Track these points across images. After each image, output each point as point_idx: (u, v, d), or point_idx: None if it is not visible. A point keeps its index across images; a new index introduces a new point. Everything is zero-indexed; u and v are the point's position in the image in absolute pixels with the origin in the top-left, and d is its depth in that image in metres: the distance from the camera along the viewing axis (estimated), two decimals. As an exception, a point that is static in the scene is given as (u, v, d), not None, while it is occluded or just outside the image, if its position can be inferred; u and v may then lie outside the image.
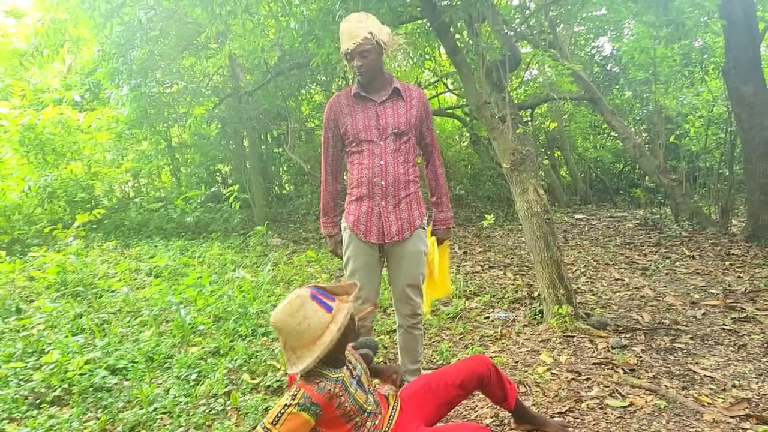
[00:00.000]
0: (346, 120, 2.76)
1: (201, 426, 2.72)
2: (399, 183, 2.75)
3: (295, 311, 1.92)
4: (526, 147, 4.54)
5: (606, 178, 12.56)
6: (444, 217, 3.00)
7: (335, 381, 1.98)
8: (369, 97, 2.75)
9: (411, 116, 2.77)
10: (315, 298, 1.98)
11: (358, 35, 2.60)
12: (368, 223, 2.78)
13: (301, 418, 1.87)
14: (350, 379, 2.05)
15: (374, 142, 2.73)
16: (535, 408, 2.95)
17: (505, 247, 6.93)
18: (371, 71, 2.67)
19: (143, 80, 7.85)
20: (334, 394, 1.95)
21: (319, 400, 1.90)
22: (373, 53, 2.64)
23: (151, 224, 6.92)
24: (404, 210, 2.77)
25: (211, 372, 3.24)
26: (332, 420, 1.98)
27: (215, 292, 4.57)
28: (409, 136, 2.77)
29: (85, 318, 3.97)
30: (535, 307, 4.43)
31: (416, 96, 2.82)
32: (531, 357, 3.59)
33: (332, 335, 1.91)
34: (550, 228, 4.30)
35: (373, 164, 2.73)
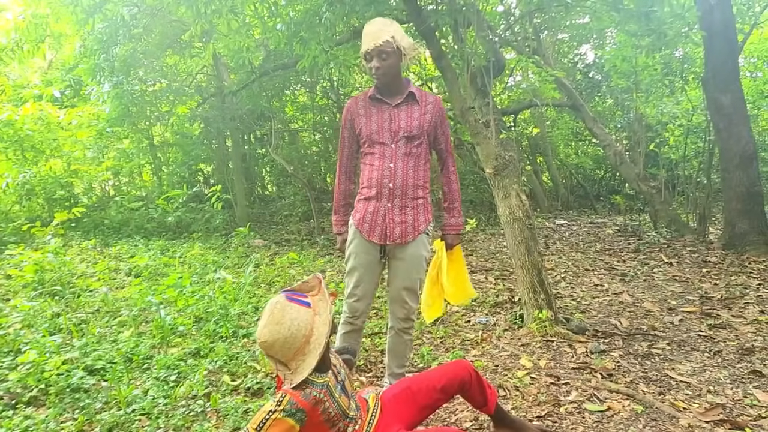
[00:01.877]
0: (361, 121, 2.82)
1: (180, 428, 2.70)
2: (407, 186, 2.77)
3: (281, 318, 1.92)
4: (509, 152, 4.58)
5: (587, 184, 12.71)
6: (455, 223, 3.01)
7: (321, 386, 1.98)
8: (384, 100, 2.79)
9: (424, 121, 2.79)
10: (291, 299, 1.99)
11: (380, 37, 2.65)
12: (373, 222, 2.81)
13: (286, 424, 1.87)
14: (335, 384, 2.06)
15: (386, 145, 2.77)
16: (514, 412, 2.97)
17: (487, 251, 6.97)
18: (388, 74, 2.70)
19: (125, 78, 7.78)
20: (320, 399, 1.95)
21: (305, 407, 1.90)
22: (392, 57, 2.67)
23: (131, 223, 6.85)
24: (410, 214, 2.79)
25: (191, 373, 3.22)
26: (316, 426, 1.97)
27: (196, 292, 4.54)
28: (421, 140, 2.79)
29: (63, 318, 3.92)
30: (515, 312, 4.47)
31: (431, 102, 2.85)
32: (511, 361, 3.62)
33: (324, 327, 1.95)
34: (532, 233, 4.34)
35: (382, 166, 2.77)
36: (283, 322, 1.91)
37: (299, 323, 1.91)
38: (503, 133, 4.73)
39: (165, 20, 8.25)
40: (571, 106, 9.62)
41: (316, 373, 1.99)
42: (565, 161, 13.08)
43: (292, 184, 9.91)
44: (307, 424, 1.94)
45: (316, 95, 10.08)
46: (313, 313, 1.98)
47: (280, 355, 1.94)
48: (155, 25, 8.36)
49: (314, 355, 1.92)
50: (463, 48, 4.94)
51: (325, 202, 9.49)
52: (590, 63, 12.52)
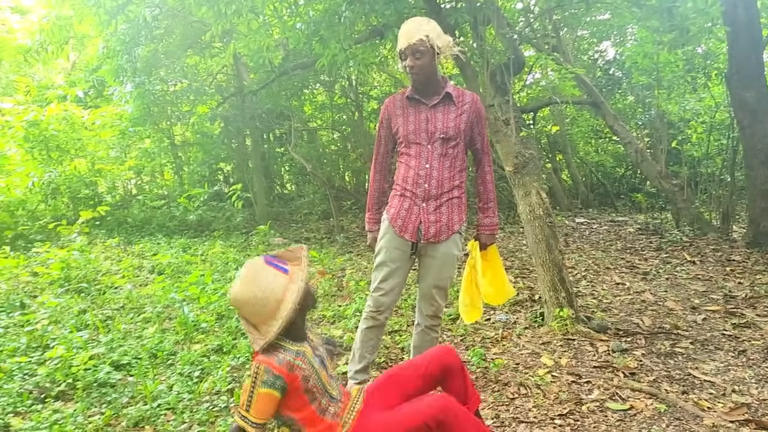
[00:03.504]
0: (399, 121, 2.84)
1: (204, 423, 2.74)
2: (442, 187, 2.78)
3: (253, 279, 1.93)
4: (529, 150, 4.56)
5: (607, 182, 12.58)
6: (489, 223, 2.99)
7: (296, 353, 1.98)
8: (422, 100, 2.80)
9: (461, 121, 2.78)
10: (269, 263, 1.99)
11: (414, 36, 2.65)
12: (406, 219, 2.82)
13: (269, 395, 1.89)
14: (313, 355, 2.06)
15: (422, 145, 2.78)
16: (535, 410, 2.98)
17: (506, 249, 6.95)
18: (422, 73, 2.70)
19: (147, 78, 7.87)
20: (295, 365, 1.95)
21: (281, 372, 1.91)
22: (427, 56, 2.67)
23: (153, 222, 6.94)
24: (444, 213, 2.80)
25: (214, 369, 3.26)
26: (296, 396, 1.97)
27: (218, 290, 4.59)
28: (458, 141, 2.79)
29: (90, 314, 3.99)
30: (536, 310, 4.45)
31: (469, 101, 2.83)
32: (532, 359, 3.61)
33: (294, 294, 1.92)
34: (552, 231, 4.32)
35: (419, 166, 2.78)
36: (255, 284, 1.92)
37: (273, 287, 1.91)
38: (523, 131, 4.72)
39: (186, 21, 8.33)
40: (592, 104, 9.53)
41: (290, 341, 2.00)
42: (584, 159, 12.96)
43: (310, 182, 9.96)
44: (288, 394, 1.94)
45: (334, 94, 10.12)
46: (288, 280, 1.96)
47: (250, 316, 1.94)
48: (176, 26, 8.45)
49: (282, 320, 1.91)
50: (482, 46, 4.93)
51: (344, 200, 9.52)
52: (611, 60, 12.40)
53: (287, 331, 1.99)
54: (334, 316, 4.36)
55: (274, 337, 1.92)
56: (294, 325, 2.01)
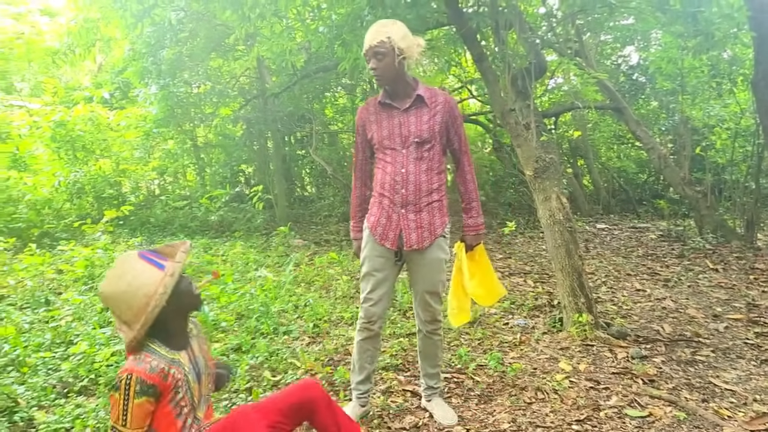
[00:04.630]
0: (373, 127, 2.80)
1: (222, 419, 2.77)
2: (420, 191, 2.74)
3: (123, 272, 1.82)
4: (550, 155, 4.55)
5: (629, 188, 12.45)
6: (473, 223, 2.93)
7: (170, 361, 1.87)
8: (393, 104, 2.75)
9: (435, 123, 2.73)
10: (144, 257, 1.88)
11: (375, 38, 2.61)
12: (386, 227, 2.78)
13: (145, 404, 1.79)
14: (190, 367, 1.94)
15: (397, 150, 2.74)
16: (553, 415, 2.96)
17: (526, 254, 6.92)
18: (385, 76, 2.66)
19: (172, 80, 7.99)
20: (169, 374, 1.84)
21: (154, 381, 1.80)
22: (388, 58, 2.62)
23: (175, 222, 7.03)
24: (425, 218, 2.75)
25: (233, 368, 3.30)
26: (163, 409, 1.85)
27: (237, 290, 4.64)
28: (433, 143, 2.74)
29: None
30: (554, 315, 4.43)
31: (441, 102, 2.76)
32: (550, 364, 3.60)
33: (165, 287, 1.80)
34: (572, 236, 4.30)
35: (395, 172, 2.74)
36: (124, 276, 1.82)
37: (143, 282, 1.79)
38: (544, 136, 4.70)
39: (210, 24, 8.45)
40: (614, 109, 9.44)
41: (165, 347, 1.89)
42: (606, 164, 12.85)
43: (330, 185, 10.01)
44: (158, 405, 1.84)
45: (356, 97, 10.16)
46: (163, 276, 1.83)
47: (119, 313, 1.82)
48: (200, 29, 8.56)
49: (147, 317, 1.78)
50: (504, 50, 4.93)
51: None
52: (634, 65, 12.28)
53: (164, 336, 1.90)
54: (352, 318, 4.38)
55: (141, 336, 1.81)
56: (171, 329, 1.91)
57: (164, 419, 1.86)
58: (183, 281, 1.92)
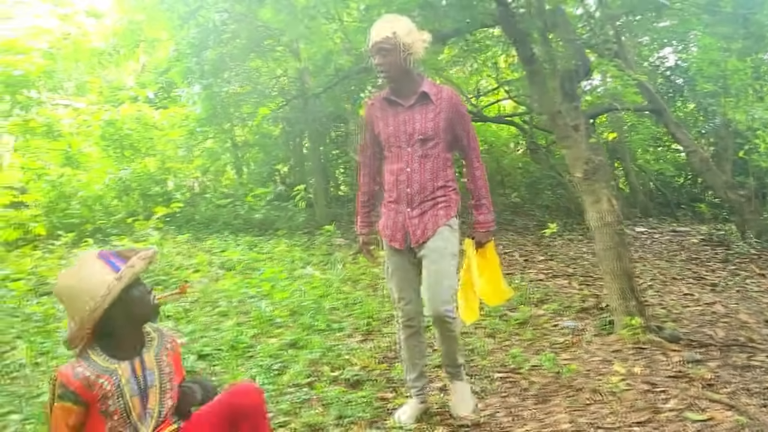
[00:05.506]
0: (380, 124, 2.81)
1: (289, 413, 2.85)
2: (425, 190, 2.74)
3: (76, 270, 1.81)
4: (599, 156, 4.55)
5: (667, 191, 12.29)
6: (482, 220, 2.90)
7: (102, 370, 1.81)
8: (398, 101, 2.76)
9: (439, 120, 2.72)
10: (103, 257, 1.85)
11: (381, 34, 2.62)
12: (393, 229, 2.80)
13: (63, 409, 1.76)
14: (129, 379, 1.86)
15: (402, 148, 2.75)
16: (612, 417, 2.97)
17: (567, 256, 6.90)
18: (390, 72, 2.66)
19: (215, 80, 8.15)
20: (95, 383, 1.78)
21: (75, 388, 1.75)
22: (393, 54, 2.61)
23: (219, 220, 7.18)
24: (429, 215, 2.75)
25: (292, 363, 3.37)
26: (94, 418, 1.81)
27: (286, 287, 4.72)
28: (437, 141, 2.74)
29: (171, 305, 4.18)
30: (603, 318, 4.42)
31: (445, 98, 2.75)
32: (603, 366, 3.60)
33: (110, 290, 1.74)
34: (622, 239, 4.31)
35: (399, 171, 2.75)
36: (76, 275, 1.80)
37: (92, 281, 1.76)
38: (593, 137, 4.71)
39: (251, 25, 8.56)
40: (654, 111, 9.34)
41: (105, 355, 1.84)
42: (643, 167, 12.69)
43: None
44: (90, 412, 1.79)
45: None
46: (112, 279, 1.77)
47: (66, 308, 1.81)
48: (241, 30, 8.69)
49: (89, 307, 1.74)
50: (551, 51, 4.93)
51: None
52: (672, 66, 12.13)
53: (108, 343, 1.85)
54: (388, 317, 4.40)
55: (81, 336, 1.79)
56: (117, 336, 1.85)
57: (96, 420, 1.82)
58: (136, 288, 1.85)
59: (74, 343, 1.83)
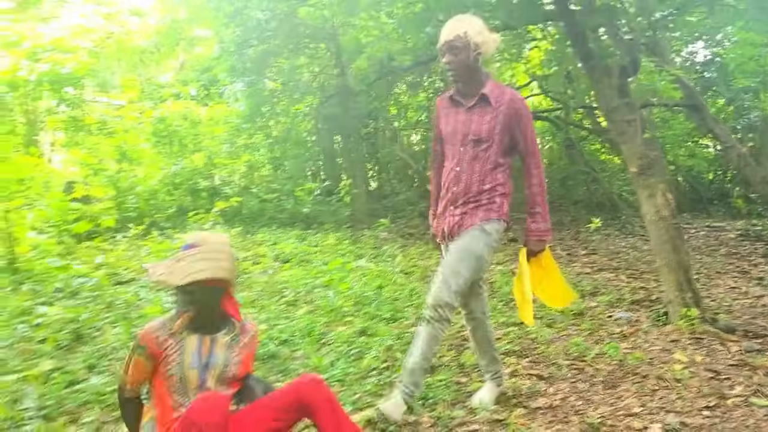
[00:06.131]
0: (442, 121, 2.91)
1: (373, 394, 3.01)
2: (470, 191, 2.78)
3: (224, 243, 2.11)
4: (654, 151, 4.65)
5: (699, 187, 12.27)
6: (535, 228, 2.83)
7: (173, 335, 2.07)
8: (461, 101, 2.82)
9: (495, 123, 2.74)
10: None
11: (452, 32, 2.67)
12: (439, 223, 2.93)
13: (138, 361, 2.06)
14: (194, 351, 2.08)
15: (456, 147, 2.82)
16: (679, 402, 3.08)
17: (609, 250, 6.99)
18: (458, 70, 2.72)
19: (257, 77, 8.34)
20: (163, 342, 2.04)
21: (146, 343, 2.04)
22: (463, 53, 2.66)
23: (266, 214, 7.37)
24: (468, 215, 2.79)
25: (366, 349, 3.53)
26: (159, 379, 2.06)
27: (344, 278, 4.88)
28: (490, 143, 2.76)
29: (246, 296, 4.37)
30: (657, 310, 4.52)
31: (506, 102, 2.74)
32: (664, 355, 3.71)
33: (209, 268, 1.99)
34: (678, 232, 4.41)
35: (451, 169, 2.84)
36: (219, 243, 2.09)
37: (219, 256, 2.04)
38: (647, 133, 4.80)
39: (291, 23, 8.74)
40: (691, 106, 9.35)
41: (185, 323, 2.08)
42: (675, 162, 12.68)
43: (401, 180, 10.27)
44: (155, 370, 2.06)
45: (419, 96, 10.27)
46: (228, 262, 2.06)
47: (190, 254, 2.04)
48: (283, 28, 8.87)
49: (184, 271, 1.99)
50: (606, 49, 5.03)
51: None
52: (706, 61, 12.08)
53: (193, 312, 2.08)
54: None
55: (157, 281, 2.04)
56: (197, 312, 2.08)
57: (161, 387, 2.07)
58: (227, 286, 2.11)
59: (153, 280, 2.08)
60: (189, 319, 2.09)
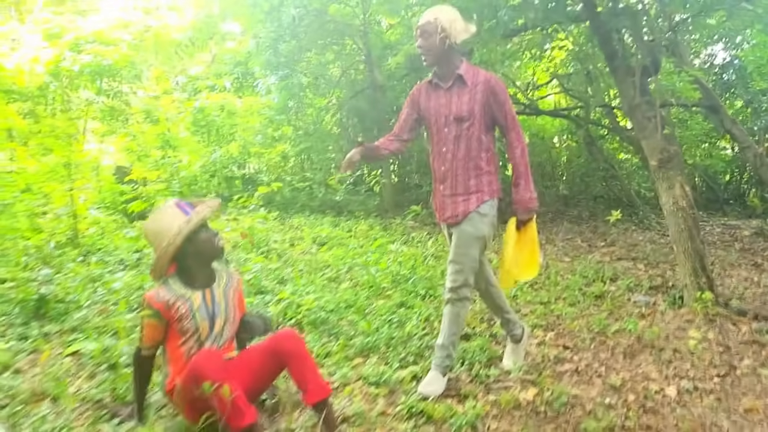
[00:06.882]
0: (422, 105, 3.06)
1: (418, 355, 3.36)
2: (457, 169, 2.94)
3: (158, 215, 2.35)
4: (674, 146, 4.96)
5: (715, 186, 12.49)
6: (520, 198, 2.98)
7: (179, 296, 2.32)
8: (440, 84, 2.99)
9: (474, 102, 2.88)
10: (177, 205, 2.36)
11: (425, 18, 2.90)
12: (435, 204, 3.13)
13: (151, 324, 2.30)
14: (200, 305, 2.37)
15: (440, 129, 2.97)
16: (693, 372, 3.40)
17: (626, 243, 7.29)
18: (429, 53, 2.90)
19: (291, 71, 8.71)
20: (173, 305, 2.29)
21: (158, 307, 2.28)
22: (433, 37, 2.84)
23: (298, 201, 7.74)
24: (460, 194, 2.95)
25: (406, 319, 3.88)
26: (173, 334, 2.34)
27: (379, 259, 5.22)
28: (472, 121, 2.89)
29: (293, 271, 4.74)
30: (673, 294, 4.82)
31: (482, 81, 2.90)
32: (679, 332, 4.03)
33: (180, 231, 2.24)
34: (695, 222, 4.71)
35: (438, 150, 3.00)
36: (158, 218, 2.34)
37: (167, 223, 2.28)
38: (667, 129, 5.10)
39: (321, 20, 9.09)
40: (709, 107, 9.59)
41: (181, 283, 2.36)
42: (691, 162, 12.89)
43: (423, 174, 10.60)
44: (169, 328, 2.33)
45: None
46: (185, 222, 2.28)
47: (150, 243, 2.38)
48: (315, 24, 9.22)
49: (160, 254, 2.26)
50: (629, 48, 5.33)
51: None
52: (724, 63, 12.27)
53: (185, 274, 2.36)
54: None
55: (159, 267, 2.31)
56: (191, 269, 2.36)
57: (172, 343, 2.36)
58: (204, 231, 2.35)
59: (156, 273, 2.37)
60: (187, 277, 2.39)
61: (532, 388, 3.06)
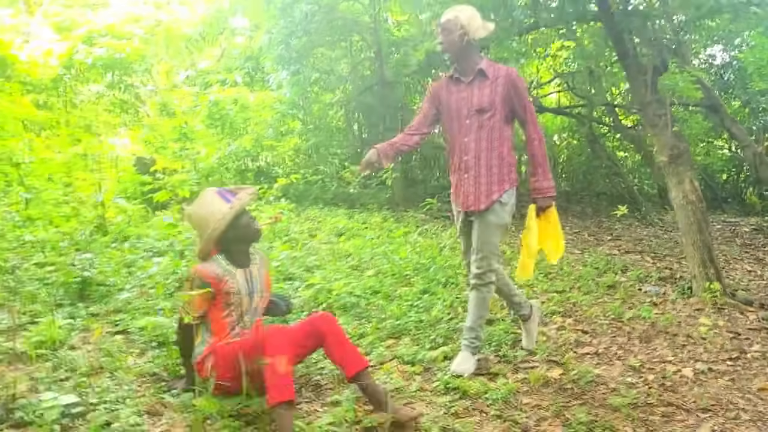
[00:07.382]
0: (443, 98, 3.17)
1: (446, 336, 3.53)
2: (480, 158, 3.06)
3: (201, 202, 2.57)
4: (683, 143, 5.15)
5: (713, 185, 12.73)
6: (539, 186, 3.12)
7: (226, 272, 2.55)
8: (461, 78, 3.12)
9: (495, 94, 3.01)
10: (218, 193, 2.58)
11: (446, 16, 3.05)
12: (456, 192, 3.21)
13: (201, 296, 2.48)
14: (243, 282, 2.60)
15: (461, 120, 3.09)
16: (705, 356, 3.59)
17: (632, 237, 7.49)
18: (450, 49, 3.06)
19: (302, 67, 8.85)
20: (222, 279, 2.52)
21: (209, 279, 2.49)
22: (453, 34, 3.00)
23: (311, 194, 7.89)
24: (483, 183, 3.06)
25: (431, 304, 4.05)
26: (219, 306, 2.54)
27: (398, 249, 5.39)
28: (493, 112, 3.02)
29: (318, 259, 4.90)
30: (682, 285, 5.02)
31: (503, 74, 3.04)
32: (690, 320, 4.23)
33: (224, 216, 2.47)
34: (704, 215, 4.91)
35: (460, 141, 3.11)
36: (202, 205, 2.56)
37: (212, 210, 2.50)
38: (676, 126, 5.30)
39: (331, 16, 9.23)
40: (709, 107, 9.81)
41: (226, 261, 2.60)
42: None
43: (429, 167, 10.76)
44: (215, 299, 2.52)
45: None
46: (228, 208, 2.51)
47: (195, 229, 2.59)
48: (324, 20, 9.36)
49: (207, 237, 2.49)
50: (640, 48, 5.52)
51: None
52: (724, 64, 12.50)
53: (228, 254, 2.60)
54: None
55: (207, 249, 2.54)
56: (233, 250, 2.60)
57: (217, 314, 2.56)
58: (244, 216, 2.59)
59: (202, 255, 2.62)
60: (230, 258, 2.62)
61: (557, 368, 3.25)
